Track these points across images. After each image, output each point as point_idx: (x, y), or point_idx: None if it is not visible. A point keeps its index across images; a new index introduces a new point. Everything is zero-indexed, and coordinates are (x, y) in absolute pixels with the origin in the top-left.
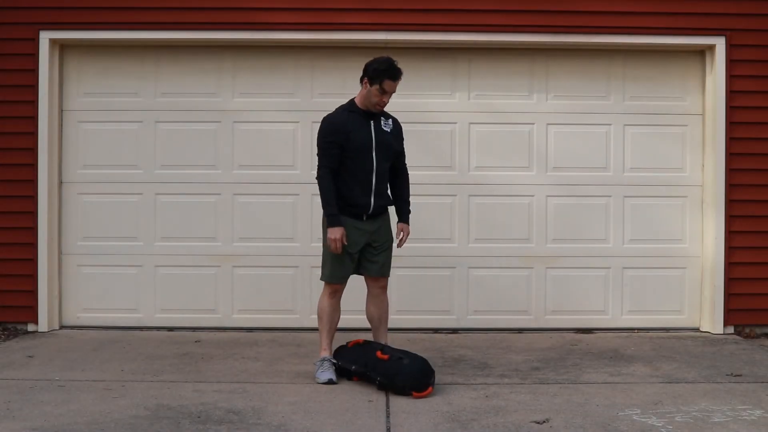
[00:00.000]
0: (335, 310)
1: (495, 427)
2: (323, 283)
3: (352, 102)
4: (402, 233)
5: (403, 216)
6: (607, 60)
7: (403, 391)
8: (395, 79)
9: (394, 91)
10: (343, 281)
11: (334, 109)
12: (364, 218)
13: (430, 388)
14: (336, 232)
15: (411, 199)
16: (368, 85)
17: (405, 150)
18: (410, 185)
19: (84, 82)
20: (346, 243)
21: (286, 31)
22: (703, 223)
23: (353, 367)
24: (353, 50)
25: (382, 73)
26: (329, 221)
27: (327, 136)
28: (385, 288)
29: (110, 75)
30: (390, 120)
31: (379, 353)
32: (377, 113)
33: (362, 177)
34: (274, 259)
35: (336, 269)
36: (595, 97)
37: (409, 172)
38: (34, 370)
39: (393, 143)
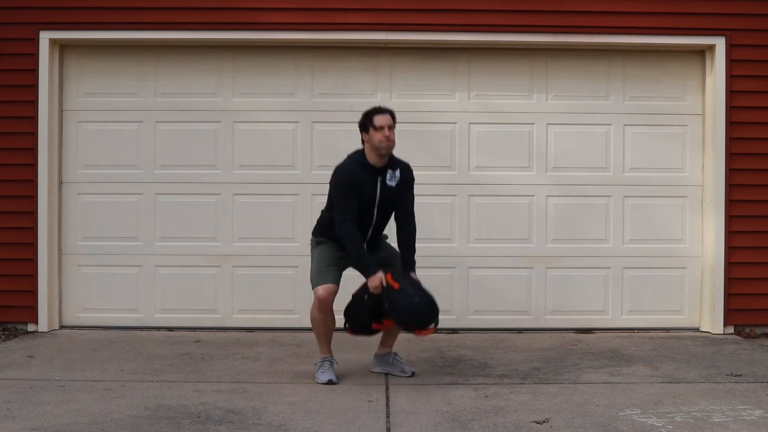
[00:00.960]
0: (327, 320)
1: (495, 427)
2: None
3: (362, 154)
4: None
5: (408, 267)
6: (607, 60)
7: (407, 327)
8: (383, 112)
9: (391, 125)
10: (327, 282)
11: (345, 158)
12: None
13: (431, 329)
14: (375, 280)
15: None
16: (365, 135)
17: (406, 153)
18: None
19: (84, 82)
20: (385, 285)
21: (286, 31)
22: (703, 223)
23: (365, 296)
24: (353, 50)
25: (368, 114)
26: (366, 274)
27: (347, 187)
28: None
29: (110, 75)
30: (397, 171)
31: (389, 277)
32: (385, 167)
33: (360, 229)
34: (274, 259)
35: (321, 276)
36: (595, 97)
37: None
38: (34, 370)
39: (398, 195)
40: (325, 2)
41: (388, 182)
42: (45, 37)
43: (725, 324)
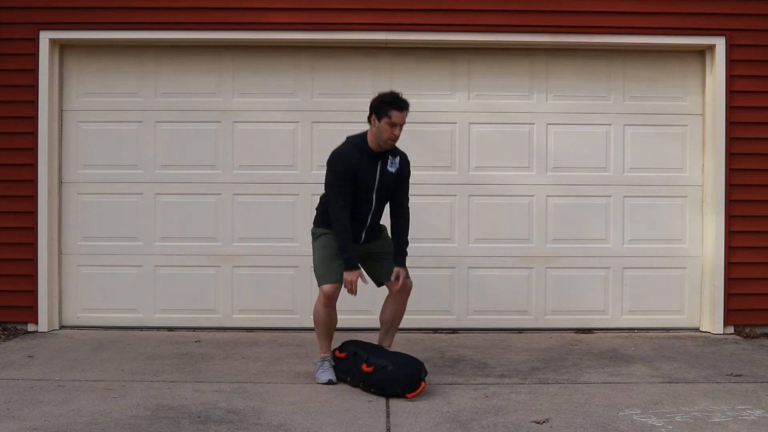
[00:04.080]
0: (330, 317)
1: (495, 427)
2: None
3: (363, 139)
4: (399, 276)
5: (399, 259)
6: (607, 60)
7: (398, 395)
8: (402, 109)
9: (404, 123)
10: (334, 281)
11: (344, 141)
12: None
13: (422, 385)
14: (352, 275)
15: (411, 199)
16: (376, 120)
17: (406, 153)
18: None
19: (84, 82)
20: (366, 282)
21: (286, 31)
22: (703, 223)
23: (348, 379)
24: (353, 50)
25: (388, 104)
26: (346, 265)
27: (341, 174)
28: (407, 294)
29: (110, 75)
30: (397, 158)
31: (364, 366)
32: (385, 152)
33: (359, 214)
34: (274, 259)
35: (325, 270)
36: (595, 97)
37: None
38: (34, 370)
39: (394, 183)
40: (325, 2)
41: (389, 168)
42: (45, 37)
43: (725, 324)
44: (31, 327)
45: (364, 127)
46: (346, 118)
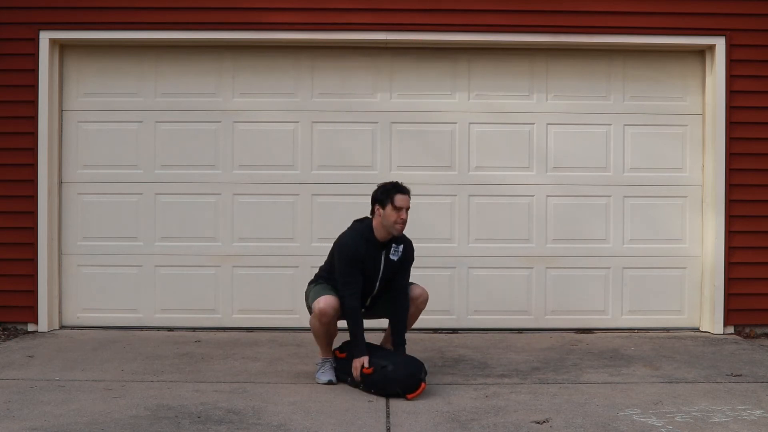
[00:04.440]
0: (329, 329)
1: (495, 427)
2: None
3: (369, 229)
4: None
5: (397, 344)
6: (607, 60)
7: (398, 395)
8: (404, 192)
9: (409, 207)
10: (329, 295)
11: (351, 230)
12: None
13: (422, 385)
14: (358, 362)
15: (412, 199)
16: (381, 209)
17: (406, 153)
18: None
19: (84, 82)
20: (369, 372)
21: (286, 31)
22: (703, 223)
23: (348, 379)
24: (353, 50)
25: (390, 191)
26: (356, 352)
27: (351, 264)
28: (423, 293)
29: (110, 75)
30: (401, 246)
31: (364, 367)
32: (390, 241)
33: (361, 297)
34: (274, 259)
35: (320, 294)
36: (595, 97)
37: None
38: (34, 370)
39: (397, 269)
40: (325, 2)
41: (392, 257)
42: (45, 37)
43: (725, 324)
44: (31, 327)
45: (365, 127)
46: (346, 118)
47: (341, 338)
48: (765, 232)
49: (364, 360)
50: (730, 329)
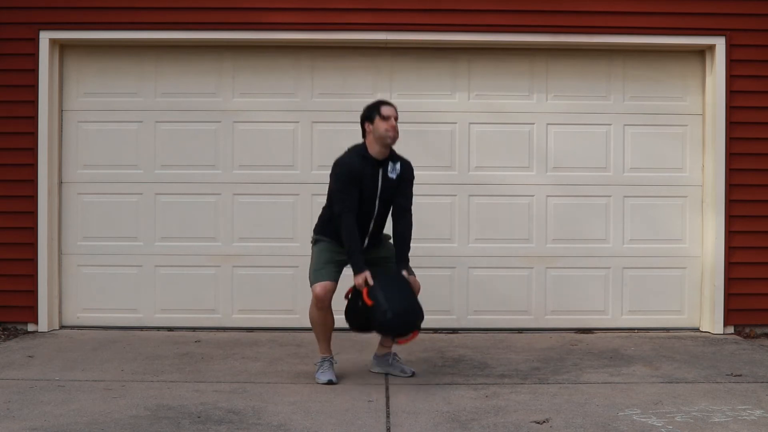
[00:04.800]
0: (326, 319)
1: (495, 427)
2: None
3: (364, 147)
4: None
5: (402, 264)
6: (607, 60)
7: (390, 336)
8: (388, 105)
9: (396, 116)
10: (324, 280)
11: (346, 151)
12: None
13: (415, 333)
14: (360, 278)
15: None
16: (370, 125)
17: (405, 153)
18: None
19: (84, 82)
20: (371, 284)
21: (286, 31)
22: (703, 223)
23: (360, 302)
24: (353, 50)
25: (374, 106)
26: (355, 269)
27: (346, 180)
28: (415, 281)
29: (110, 75)
30: (398, 164)
31: (365, 293)
32: (386, 159)
33: (361, 221)
34: (274, 259)
35: (319, 273)
36: (595, 97)
37: (412, 191)
38: (34, 370)
39: (397, 187)
40: (325, 2)
41: (390, 174)
42: (45, 37)
43: (725, 324)
44: (31, 327)
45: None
46: (346, 118)
47: (342, 337)
48: (765, 232)
49: (366, 276)
50: (730, 329)
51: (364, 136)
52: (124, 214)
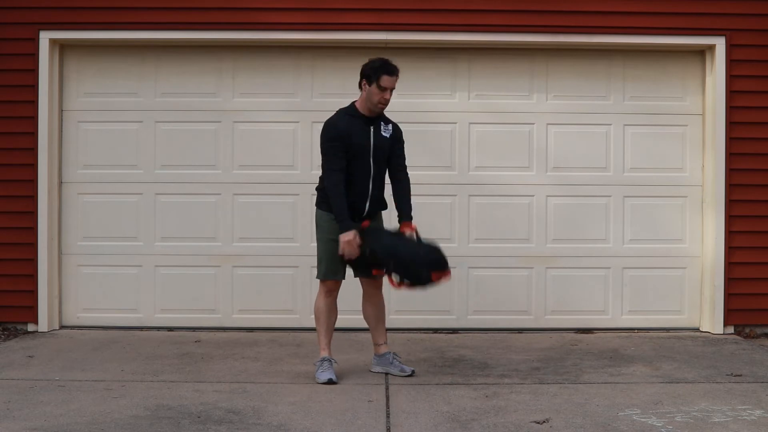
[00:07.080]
0: (332, 310)
1: (495, 427)
2: (319, 282)
3: (353, 106)
4: (408, 231)
5: (405, 215)
6: (607, 60)
7: (419, 278)
8: (392, 74)
9: (394, 87)
10: (338, 278)
11: (335, 112)
12: (356, 219)
13: (449, 271)
14: (349, 235)
15: (412, 198)
16: (366, 85)
17: (405, 153)
18: (411, 186)
19: (84, 82)
20: (358, 245)
21: (286, 31)
22: (703, 223)
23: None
24: (353, 50)
25: (378, 69)
26: (342, 227)
27: (332, 139)
28: (380, 287)
29: (110, 75)
30: (390, 125)
31: (375, 271)
32: (377, 118)
33: (359, 182)
34: (274, 259)
35: (331, 265)
36: (595, 97)
37: (409, 173)
38: (34, 370)
39: (390, 148)
40: (325, 2)
41: (383, 132)
42: (45, 37)
43: (725, 324)
44: (31, 327)
45: None
46: None
47: (342, 337)
48: (765, 232)
49: (354, 234)
50: (730, 329)
51: (359, 87)
52: (124, 214)
